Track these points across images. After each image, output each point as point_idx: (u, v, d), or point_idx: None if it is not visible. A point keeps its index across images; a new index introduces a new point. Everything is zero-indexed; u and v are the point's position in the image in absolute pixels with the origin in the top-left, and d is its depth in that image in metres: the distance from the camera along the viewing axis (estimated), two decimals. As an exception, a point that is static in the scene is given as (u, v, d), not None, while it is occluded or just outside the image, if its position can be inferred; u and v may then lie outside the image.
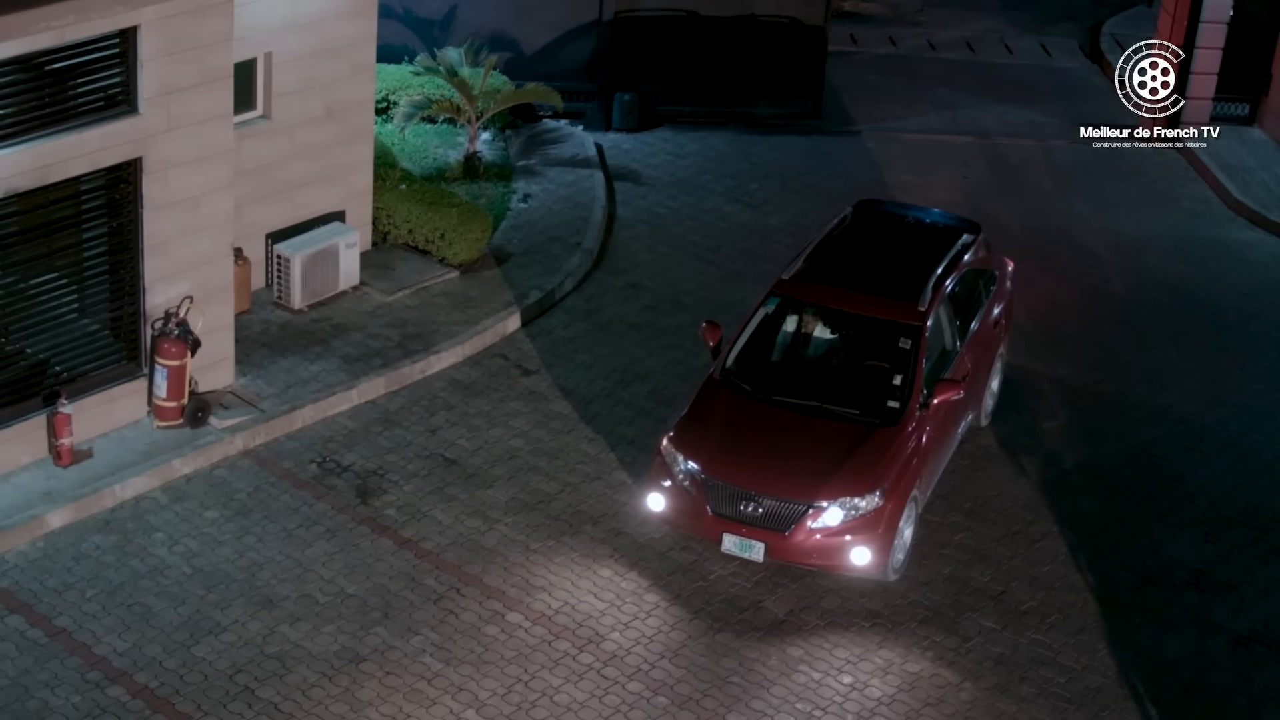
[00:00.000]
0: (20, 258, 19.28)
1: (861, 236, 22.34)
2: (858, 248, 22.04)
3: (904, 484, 19.39)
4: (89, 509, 19.57)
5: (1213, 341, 25.51)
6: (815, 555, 19.11)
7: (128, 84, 19.55)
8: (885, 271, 21.40)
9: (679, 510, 19.54)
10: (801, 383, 20.44)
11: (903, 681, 18.28)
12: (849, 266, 21.54)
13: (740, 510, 19.19)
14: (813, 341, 21.04)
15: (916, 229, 22.68)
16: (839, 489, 19.10)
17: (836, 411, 19.98)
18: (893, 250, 22.03)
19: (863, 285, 21.10)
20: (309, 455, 20.99)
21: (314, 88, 23.49)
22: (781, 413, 19.99)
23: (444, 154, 28.16)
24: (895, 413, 19.92)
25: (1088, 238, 28.36)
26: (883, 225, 22.74)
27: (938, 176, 30.20)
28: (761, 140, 30.92)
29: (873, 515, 19.05)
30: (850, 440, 19.59)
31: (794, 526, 19.03)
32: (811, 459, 19.41)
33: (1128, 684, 18.49)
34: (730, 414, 20.01)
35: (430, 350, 22.97)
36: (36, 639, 17.74)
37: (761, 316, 21.00)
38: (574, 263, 25.55)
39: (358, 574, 19.12)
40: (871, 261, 21.72)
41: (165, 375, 20.46)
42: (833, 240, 22.14)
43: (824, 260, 21.63)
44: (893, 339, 20.44)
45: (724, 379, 20.44)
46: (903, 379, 20.12)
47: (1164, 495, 21.72)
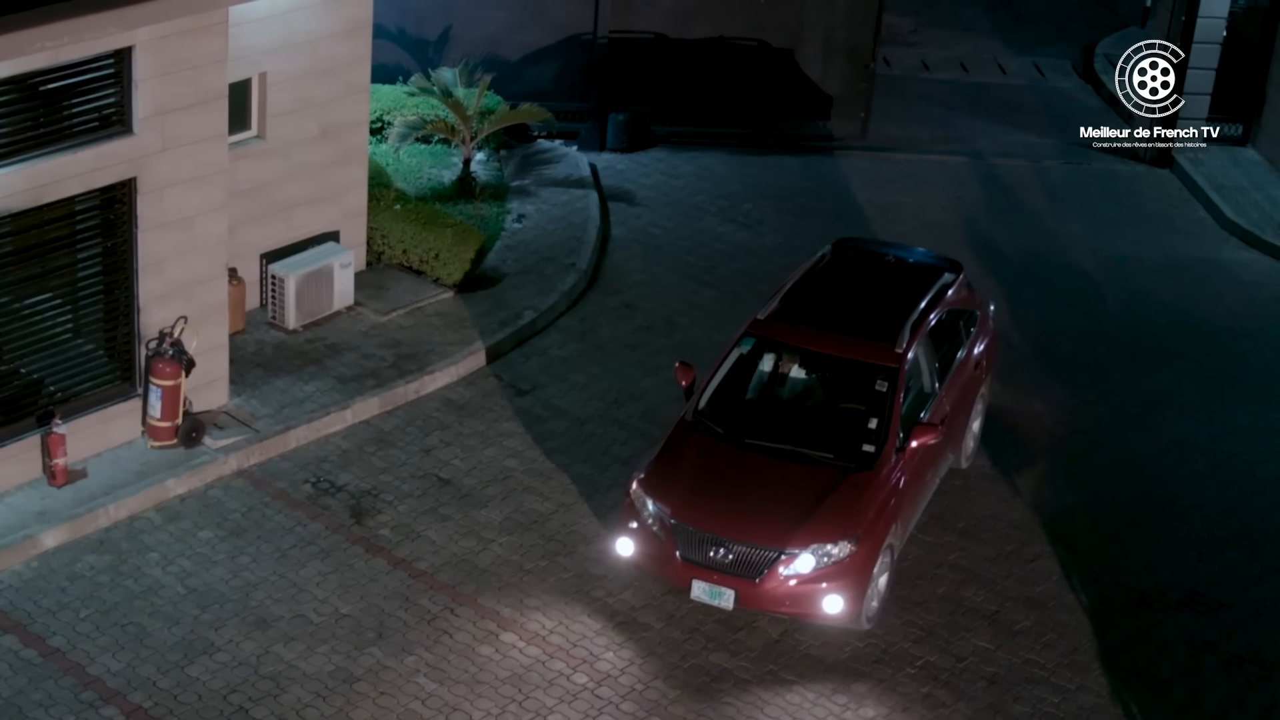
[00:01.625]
0: (15, 278, 19.29)
1: (839, 276, 21.90)
2: (835, 287, 21.61)
3: (878, 530, 18.96)
4: (83, 529, 19.56)
5: (1206, 362, 25.54)
6: (787, 603, 18.68)
7: (122, 104, 19.58)
8: (862, 312, 20.98)
9: (648, 555, 19.15)
10: (775, 425, 20.03)
11: (896, 701, 18.28)
12: (826, 307, 21.11)
13: (710, 556, 18.78)
14: (788, 383, 20.65)
15: (895, 268, 22.26)
16: (811, 535, 18.68)
17: (810, 455, 19.58)
18: (871, 290, 21.60)
19: (839, 326, 20.69)
20: (303, 475, 21.00)
21: (309, 108, 23.52)
22: (754, 456, 19.57)
23: (438, 174, 28.19)
24: (870, 457, 19.50)
25: (1081, 258, 28.40)
26: (861, 265, 22.32)
27: (931, 196, 30.25)
28: (755, 160, 30.97)
29: (846, 562, 18.61)
30: (824, 485, 19.18)
31: (765, 573, 18.62)
32: (784, 504, 18.99)
33: (1121, 704, 18.49)
34: (701, 457, 19.60)
35: (424, 370, 22.98)
36: (30, 659, 17.72)
37: (736, 357, 20.61)
38: (568, 283, 25.56)
39: (352, 594, 19.11)
40: (849, 302, 21.29)
41: (159, 395, 20.47)
42: (810, 280, 21.72)
43: (800, 300, 21.20)
44: (869, 381, 20.06)
45: (696, 421, 20.02)
46: (879, 422, 19.74)
47: (1157, 515, 21.74)
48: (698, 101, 31.67)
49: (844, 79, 32.07)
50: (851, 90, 32.06)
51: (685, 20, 31.45)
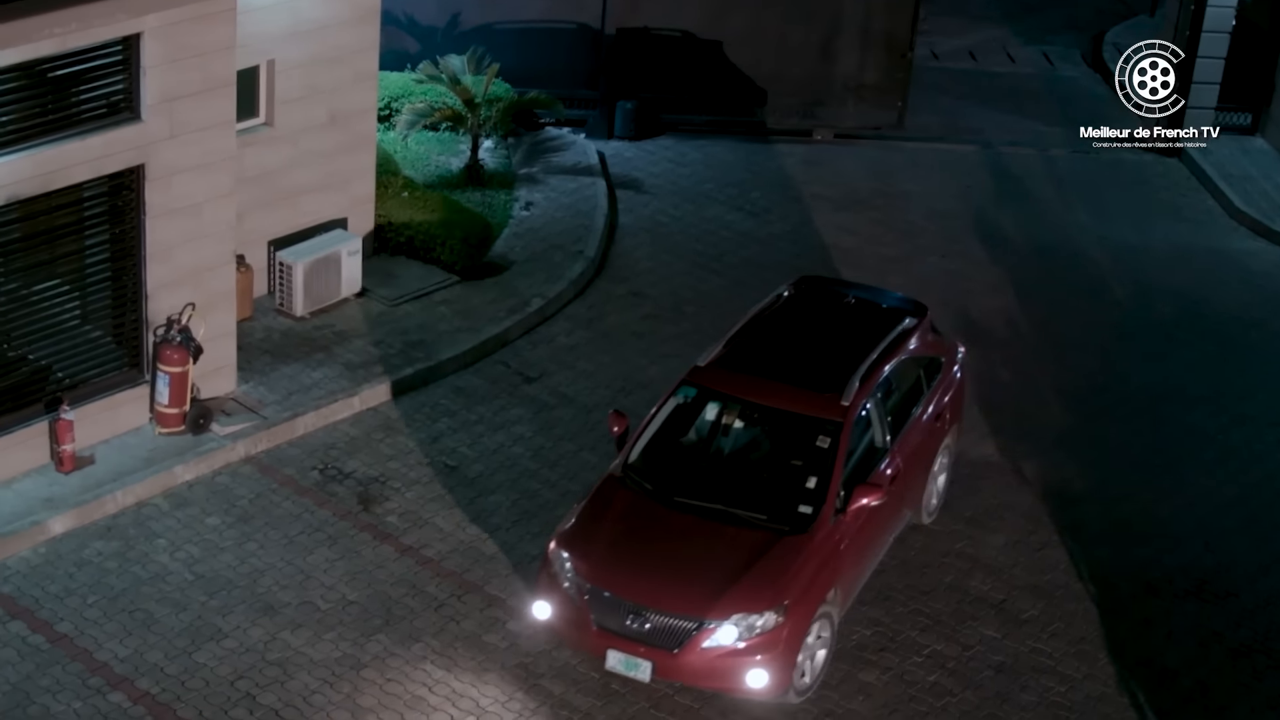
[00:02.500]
0: (23, 264, 19.30)
1: (792, 319, 20.52)
2: (786, 331, 20.23)
3: (810, 599, 17.58)
4: (91, 515, 19.58)
5: (1214, 351, 25.52)
6: (707, 676, 17.35)
7: (130, 91, 19.58)
8: (811, 360, 19.60)
9: (564, 620, 17.76)
10: (708, 483, 18.55)
11: (904, 690, 18.27)
12: (773, 353, 19.74)
13: (625, 625, 17.39)
14: (726, 437, 19.21)
15: (854, 311, 20.79)
16: (734, 605, 17.26)
17: (741, 516, 18.11)
18: (824, 335, 20.23)
19: (784, 375, 19.28)
20: (311, 462, 21.01)
21: (316, 95, 23.52)
22: (682, 516, 18.14)
23: (446, 162, 28.18)
24: (807, 519, 18.05)
25: (1089, 246, 28.37)
26: (818, 306, 20.84)
27: (940, 185, 30.22)
28: (763, 149, 30.95)
29: (771, 634, 17.24)
30: (752, 549, 17.74)
31: (683, 645, 17.24)
32: (707, 570, 17.58)
33: (1128, 693, 18.48)
34: (625, 516, 18.19)
35: (432, 357, 22.99)
36: (38, 645, 17.75)
37: (673, 407, 19.24)
38: (576, 270, 25.55)
39: (359, 581, 19.13)
40: (798, 348, 19.91)
41: (167, 382, 20.48)
42: (760, 322, 20.35)
43: (746, 345, 19.82)
44: (810, 436, 18.65)
45: (625, 475, 18.63)
46: (818, 481, 18.30)
47: (1164, 504, 21.72)
48: (718, 90, 31.53)
49: (881, 68, 31.91)
50: (888, 79, 31.92)
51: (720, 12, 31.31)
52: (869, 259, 27.27)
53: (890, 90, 31.87)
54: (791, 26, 31.17)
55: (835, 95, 31.74)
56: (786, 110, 31.71)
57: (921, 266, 27.18)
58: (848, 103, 31.80)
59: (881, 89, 31.85)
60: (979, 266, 27.37)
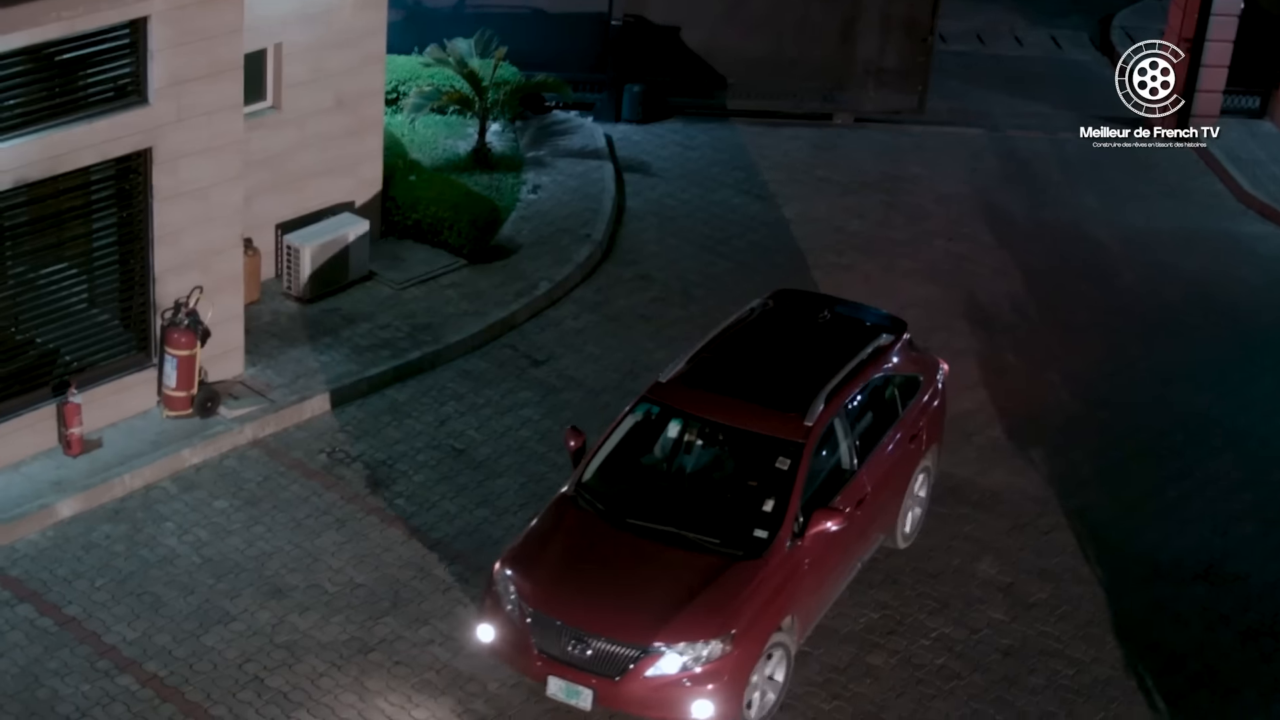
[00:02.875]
0: (30, 248, 19.31)
1: (764, 333, 19.76)
2: (755, 347, 19.49)
3: (760, 628, 16.89)
4: (98, 498, 19.60)
5: (1222, 335, 25.49)
6: (650, 706, 16.72)
7: (138, 74, 19.56)
8: (777, 378, 18.83)
9: (507, 643, 17.16)
10: (662, 504, 17.87)
11: (911, 673, 18.28)
12: (738, 370, 18.98)
13: (567, 650, 16.78)
14: (684, 457, 18.52)
15: (828, 328, 19.96)
16: (678, 632, 16.59)
17: (693, 540, 17.42)
18: (794, 352, 19.45)
19: (747, 393, 18.52)
20: (318, 445, 21.01)
21: (324, 78, 23.50)
22: (632, 539, 17.46)
23: (453, 145, 28.16)
24: (761, 544, 17.35)
25: (1097, 231, 28.33)
26: (791, 321, 20.07)
27: (947, 169, 30.18)
28: (771, 132, 30.91)
29: (717, 664, 16.58)
30: (702, 575, 17.04)
31: (626, 672, 16.61)
32: (653, 595, 16.90)
33: (1136, 676, 18.48)
34: (573, 537, 17.54)
35: (439, 341, 22.98)
36: (46, 628, 17.77)
37: (631, 424, 18.56)
38: (583, 254, 25.54)
39: (367, 564, 19.14)
40: (766, 365, 19.15)
41: (175, 365, 20.49)
42: (729, 337, 19.60)
43: (712, 361, 19.06)
44: (770, 457, 17.89)
45: (577, 495, 17.98)
46: (775, 504, 17.57)
47: (1173, 487, 21.71)
48: (734, 74, 31.46)
49: (901, 53, 31.79)
50: (909, 64, 31.82)
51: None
52: (877, 242, 27.25)
53: (911, 75, 31.77)
54: (812, 10, 31.07)
55: (856, 79, 31.67)
56: (807, 94, 31.63)
57: (929, 250, 27.15)
58: (868, 87, 31.73)
59: (902, 74, 31.76)
60: (986, 250, 27.34)
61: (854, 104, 31.76)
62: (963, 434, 22.38)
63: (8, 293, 19.23)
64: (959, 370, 23.70)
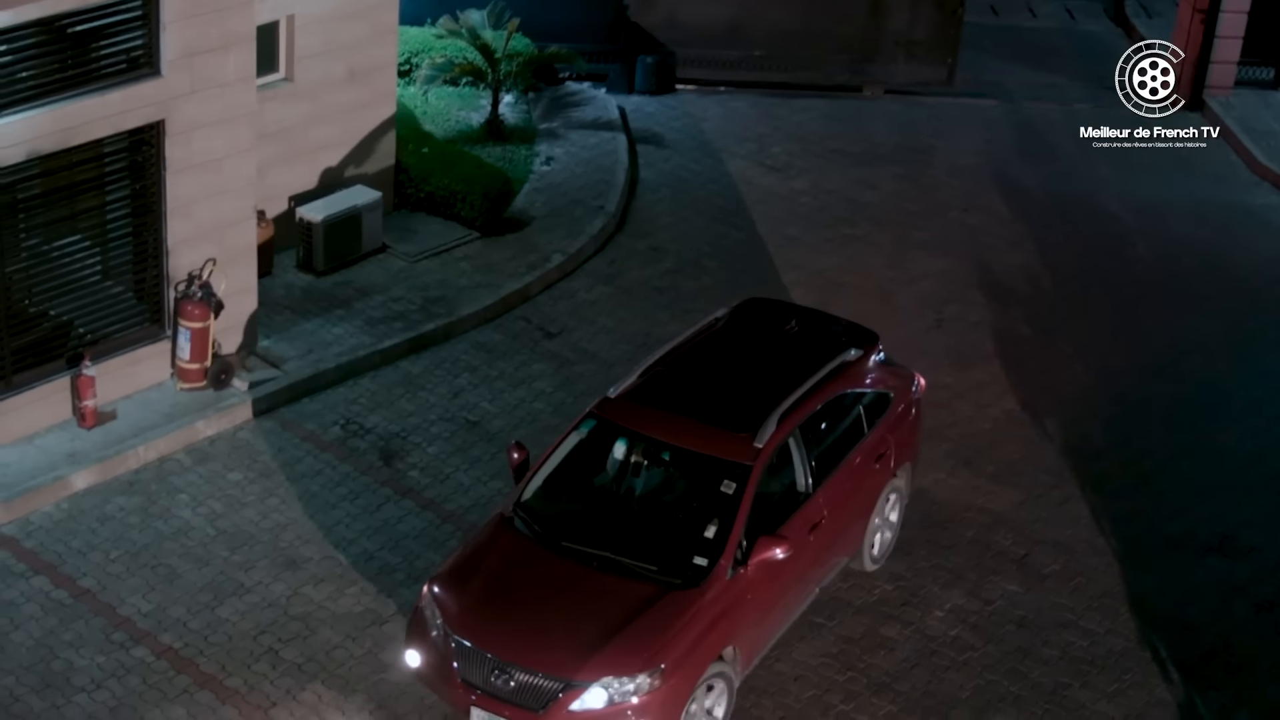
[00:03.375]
0: (44, 220, 19.30)
1: (723, 346, 18.80)
2: (713, 361, 18.51)
3: (695, 661, 16.03)
4: (113, 471, 19.62)
5: (1236, 306, 25.45)
6: None
7: (150, 46, 19.53)
8: (732, 395, 17.85)
9: (432, 670, 16.35)
10: (601, 528, 16.98)
11: (925, 644, 18.28)
12: (691, 386, 17.98)
13: (490, 681, 15.93)
14: (628, 478, 17.56)
15: (792, 341, 19.07)
16: (604, 666, 15.72)
17: (629, 566, 16.54)
18: (752, 367, 18.47)
19: (697, 411, 17.53)
20: (332, 418, 21.02)
21: (336, 50, 23.48)
22: (566, 564, 16.59)
23: (466, 117, 28.14)
24: (700, 572, 16.44)
25: (1111, 201, 28.28)
26: (754, 333, 19.12)
27: (961, 140, 30.13)
28: (784, 103, 30.87)
29: (646, 699, 15.72)
30: (634, 604, 16.14)
31: (548, 706, 15.76)
32: (582, 625, 16.04)
33: (1150, 648, 18.48)
34: (505, 561, 16.67)
35: (452, 313, 22.98)
36: (61, 600, 17.80)
37: (575, 442, 17.65)
38: (596, 226, 25.51)
39: (381, 536, 19.15)
40: (721, 381, 18.15)
41: (188, 337, 20.50)
42: (688, 349, 18.62)
43: (665, 376, 18.10)
44: (715, 480, 16.98)
45: (514, 515, 17.14)
46: (717, 530, 16.66)
47: (1187, 459, 21.68)
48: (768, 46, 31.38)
49: (931, 24, 31.72)
50: (939, 35, 31.73)
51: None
52: (891, 214, 27.21)
53: (941, 47, 31.74)
54: None
55: (885, 51, 31.62)
56: (836, 66, 31.60)
57: (943, 221, 27.11)
58: (898, 59, 31.68)
59: (932, 45, 31.72)
60: (1000, 222, 27.30)
61: (884, 76, 31.72)
62: (977, 406, 22.37)
63: (21, 266, 19.23)
64: (974, 342, 23.74)
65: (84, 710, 16.52)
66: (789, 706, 17.35)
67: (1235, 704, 17.83)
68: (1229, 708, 17.79)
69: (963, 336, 23.93)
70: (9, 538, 18.55)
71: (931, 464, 20.99)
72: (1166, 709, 17.71)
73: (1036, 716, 17.48)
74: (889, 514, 19.35)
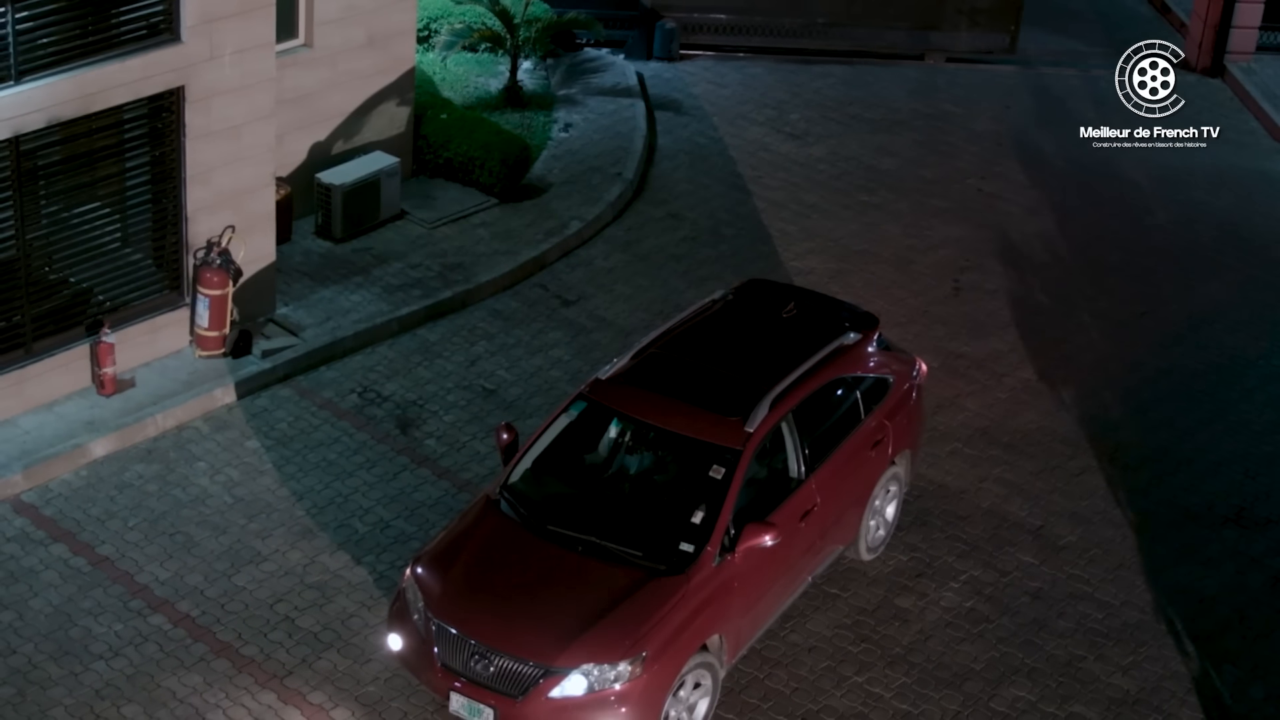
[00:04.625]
0: (63, 187, 19.33)
1: (719, 329, 18.54)
2: (708, 343, 18.24)
3: (677, 650, 15.82)
4: (131, 438, 19.68)
5: (1256, 275, 25.39)
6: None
7: (170, 12, 19.53)
8: (725, 378, 17.60)
9: (413, 654, 16.21)
10: (586, 512, 16.78)
11: (940, 615, 18.31)
12: (684, 369, 17.72)
13: (469, 666, 15.78)
14: (617, 461, 17.41)
15: (789, 324, 18.76)
16: (584, 653, 15.54)
17: (614, 551, 16.34)
18: (747, 350, 18.18)
19: (689, 394, 17.30)
20: (349, 385, 21.06)
21: (355, 16, 23.45)
22: (550, 548, 16.39)
23: (485, 83, 28.11)
24: (686, 558, 16.23)
25: (1130, 168, 28.20)
26: (751, 316, 18.85)
27: (980, 106, 30.06)
28: (803, 69, 30.80)
29: (627, 687, 15.55)
30: (618, 590, 15.95)
31: (528, 693, 15.60)
32: (564, 611, 15.84)
33: (1166, 619, 18.50)
34: (489, 544, 16.48)
35: (470, 280, 22.99)
36: (79, 567, 17.88)
37: (564, 424, 17.51)
38: (614, 193, 25.49)
39: (398, 504, 19.20)
40: (715, 364, 17.87)
41: (207, 305, 20.53)
42: (684, 331, 18.41)
43: (658, 358, 17.86)
44: (704, 465, 16.77)
45: (500, 498, 16.93)
46: (705, 516, 16.44)
47: (1204, 430, 21.67)
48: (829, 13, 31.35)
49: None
50: (1001, 4, 31.62)
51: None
52: (909, 180, 27.17)
53: (1003, 14, 31.69)
54: None
55: (949, 20, 31.57)
56: (898, 34, 31.57)
57: (961, 188, 27.06)
58: (960, 27, 31.62)
59: (995, 13, 31.66)
60: (1018, 189, 27.25)
61: (946, 44, 31.67)
62: (994, 375, 22.36)
63: (41, 232, 19.27)
64: (991, 310, 23.71)
65: (101, 677, 16.62)
66: (802, 677, 17.40)
67: (1251, 677, 17.86)
68: (1244, 680, 17.82)
69: (980, 304, 23.90)
70: (28, 505, 18.64)
71: (948, 434, 21.01)
72: (1181, 681, 17.74)
73: (1051, 689, 17.52)
74: (888, 503, 19.15)
